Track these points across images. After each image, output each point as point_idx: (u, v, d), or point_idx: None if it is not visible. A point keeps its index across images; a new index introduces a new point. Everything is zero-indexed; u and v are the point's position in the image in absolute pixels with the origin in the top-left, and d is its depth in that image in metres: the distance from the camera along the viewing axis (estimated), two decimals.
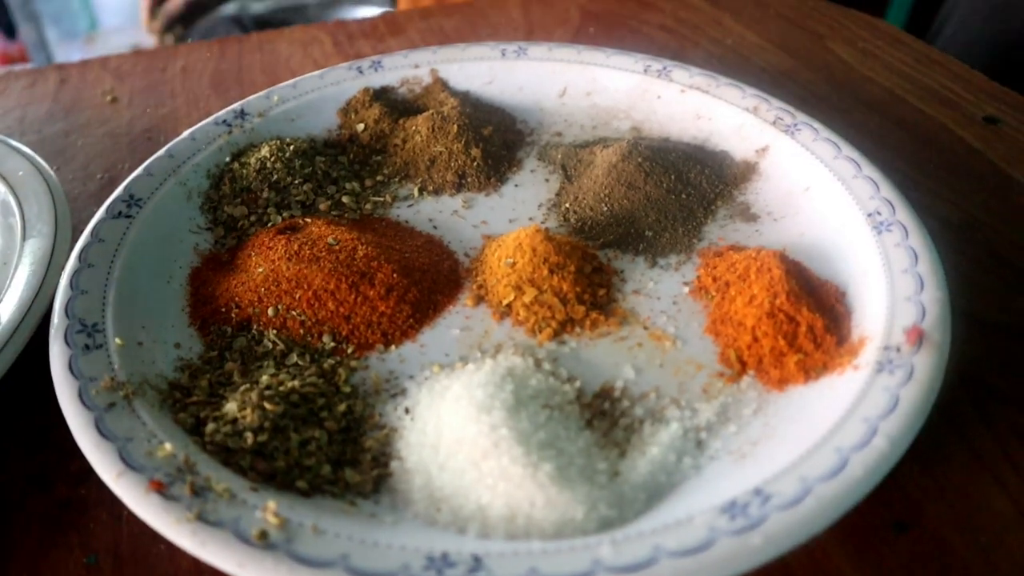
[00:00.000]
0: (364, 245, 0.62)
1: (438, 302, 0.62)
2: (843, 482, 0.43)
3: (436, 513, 0.46)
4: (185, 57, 1.03)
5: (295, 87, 0.81)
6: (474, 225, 0.70)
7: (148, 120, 0.90)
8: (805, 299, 0.56)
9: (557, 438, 0.49)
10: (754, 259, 0.60)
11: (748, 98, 0.76)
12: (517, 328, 0.59)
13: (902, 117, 0.87)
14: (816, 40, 1.03)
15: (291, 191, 0.71)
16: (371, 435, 0.52)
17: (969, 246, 0.68)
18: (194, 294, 0.63)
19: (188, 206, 0.70)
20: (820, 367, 0.53)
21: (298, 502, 0.47)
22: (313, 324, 0.59)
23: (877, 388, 0.49)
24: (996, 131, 0.83)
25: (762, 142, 0.72)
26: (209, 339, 0.59)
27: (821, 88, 0.92)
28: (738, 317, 0.58)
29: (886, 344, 0.52)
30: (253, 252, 0.64)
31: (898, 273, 0.57)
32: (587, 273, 0.61)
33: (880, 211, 0.62)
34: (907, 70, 0.95)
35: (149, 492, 0.44)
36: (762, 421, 0.52)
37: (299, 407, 0.52)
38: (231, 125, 0.76)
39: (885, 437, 0.45)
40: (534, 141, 0.80)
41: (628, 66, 0.82)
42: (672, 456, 0.49)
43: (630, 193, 0.68)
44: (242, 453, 0.49)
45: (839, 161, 0.67)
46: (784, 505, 0.43)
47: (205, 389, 0.54)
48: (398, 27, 1.07)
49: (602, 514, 0.45)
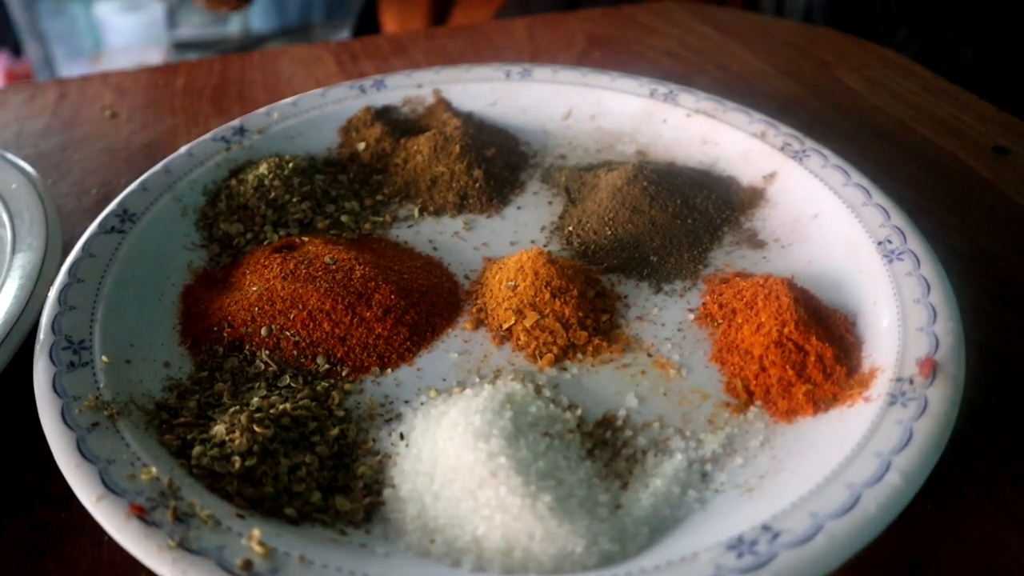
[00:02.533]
0: (362, 265, 0.61)
1: (436, 325, 0.60)
2: (855, 519, 0.42)
3: (430, 544, 0.44)
4: (186, 74, 1.02)
5: (296, 105, 0.80)
6: (475, 247, 0.68)
7: (147, 136, 0.89)
8: (814, 328, 0.55)
9: (557, 468, 0.47)
10: (762, 286, 0.58)
11: (755, 123, 0.75)
12: (517, 353, 0.58)
13: (911, 146, 0.85)
14: (823, 68, 1.02)
15: (289, 209, 0.70)
16: (364, 461, 0.50)
17: (980, 276, 0.66)
18: (186, 312, 0.61)
19: (183, 222, 0.68)
20: (830, 398, 0.52)
21: (286, 530, 0.45)
22: (307, 345, 0.57)
23: (890, 421, 0.47)
24: (1006, 161, 0.82)
25: (769, 168, 0.71)
26: (200, 359, 0.57)
27: (828, 116, 0.91)
28: (745, 345, 0.56)
29: (898, 376, 0.50)
30: (248, 270, 0.63)
31: (910, 303, 0.55)
32: (590, 298, 0.59)
33: (891, 239, 0.60)
34: (916, 99, 0.94)
35: (130, 517, 0.42)
36: (769, 454, 0.50)
37: (290, 431, 0.50)
38: (230, 141, 0.75)
39: (899, 473, 0.44)
40: (537, 163, 0.79)
41: (634, 89, 0.81)
42: (676, 489, 0.47)
43: (635, 217, 0.66)
44: (229, 478, 0.47)
45: (848, 188, 0.66)
46: (794, 543, 0.41)
47: (193, 410, 0.52)
48: (402, 48, 1.07)
49: (603, 548, 0.43)
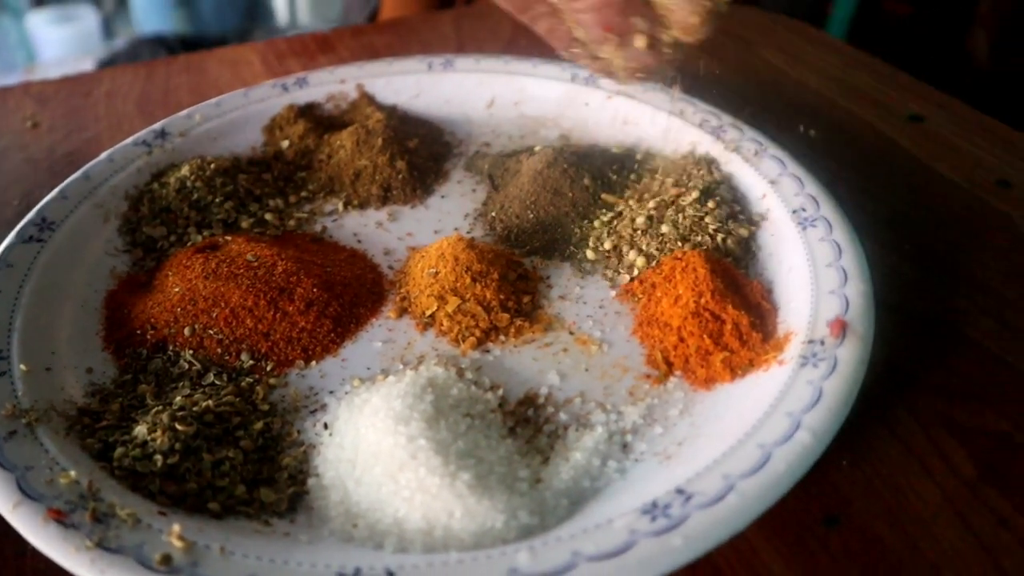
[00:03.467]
0: (284, 261, 0.61)
1: (360, 315, 0.60)
2: (765, 477, 0.43)
3: (352, 529, 0.45)
4: (111, 81, 1.00)
5: (218, 106, 0.80)
6: (399, 237, 0.69)
7: (70, 145, 0.88)
8: (730, 297, 0.56)
9: (477, 447, 0.48)
10: (679, 260, 0.60)
11: (674, 102, 0.76)
12: (441, 338, 0.58)
13: (832, 118, 0.87)
14: (745, 46, 1.04)
15: (212, 210, 0.70)
16: (289, 452, 0.51)
17: (896, 240, 0.68)
18: (109, 317, 0.61)
19: (105, 228, 0.68)
20: (746, 364, 0.53)
21: (209, 524, 0.45)
22: (231, 342, 0.57)
23: (801, 382, 0.48)
24: (921, 128, 0.84)
25: (688, 145, 0.72)
26: (123, 362, 0.57)
27: (749, 91, 0.92)
28: (664, 318, 0.57)
29: (810, 338, 0.51)
30: (170, 272, 0.62)
31: (822, 267, 0.56)
32: (511, 280, 0.60)
33: (805, 207, 0.62)
34: (835, 72, 0.96)
35: (47, 521, 0.42)
36: (688, 421, 0.51)
37: (213, 427, 0.50)
38: (151, 145, 0.74)
39: (808, 431, 0.45)
40: (462, 152, 0.79)
41: (555, 75, 0.82)
42: (596, 460, 0.48)
43: (556, 199, 0.67)
44: (151, 477, 0.47)
45: (764, 160, 0.67)
46: (705, 503, 0.42)
47: (116, 413, 0.52)
48: (328, 45, 1.06)
49: (522, 522, 0.44)
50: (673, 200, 0.65)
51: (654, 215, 0.64)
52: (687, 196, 0.64)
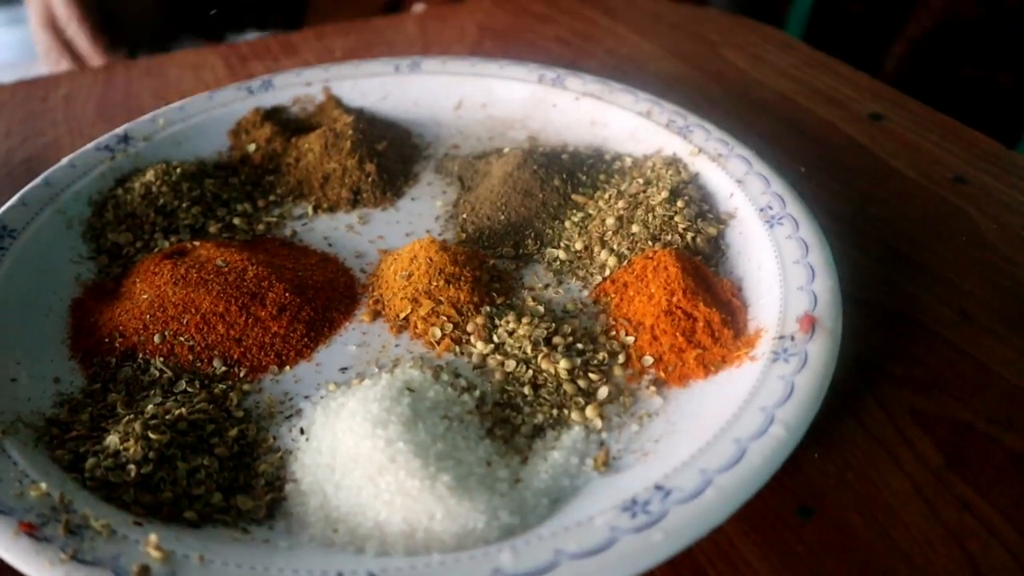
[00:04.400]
0: (254, 266, 0.60)
1: (334, 319, 0.60)
2: (742, 471, 0.43)
3: (333, 534, 0.44)
4: (68, 84, 0.99)
5: (182, 109, 0.79)
6: (370, 240, 0.68)
7: (27, 150, 0.86)
8: (702, 295, 0.57)
9: (456, 449, 0.48)
10: (650, 259, 0.60)
11: (641, 102, 0.76)
12: (415, 341, 0.58)
13: (794, 118, 0.89)
14: (708, 47, 1.05)
15: (179, 215, 0.69)
16: (265, 459, 0.50)
17: (859, 237, 0.70)
18: (75, 325, 0.59)
19: (68, 235, 0.66)
20: (719, 361, 0.54)
21: (186, 533, 0.44)
22: (203, 349, 0.57)
23: (773, 377, 0.49)
24: (880, 127, 0.86)
25: (656, 144, 0.73)
26: (91, 371, 0.56)
27: (714, 92, 0.94)
28: (637, 317, 0.57)
29: (781, 334, 0.52)
30: (138, 279, 0.61)
31: (790, 264, 0.57)
32: (485, 282, 0.60)
33: (772, 205, 0.63)
34: (796, 73, 0.98)
35: (18, 534, 0.41)
36: (664, 418, 0.51)
37: (187, 435, 0.50)
38: (114, 150, 0.73)
39: (782, 425, 0.46)
40: (431, 155, 0.79)
41: (522, 76, 0.82)
42: (575, 459, 0.49)
43: (527, 200, 0.68)
44: (125, 487, 0.46)
45: (731, 160, 0.68)
46: (684, 499, 0.42)
47: (86, 423, 0.51)
48: (292, 48, 1.05)
49: (504, 522, 0.44)
50: (642, 200, 0.65)
51: (624, 215, 0.64)
52: (656, 196, 0.65)
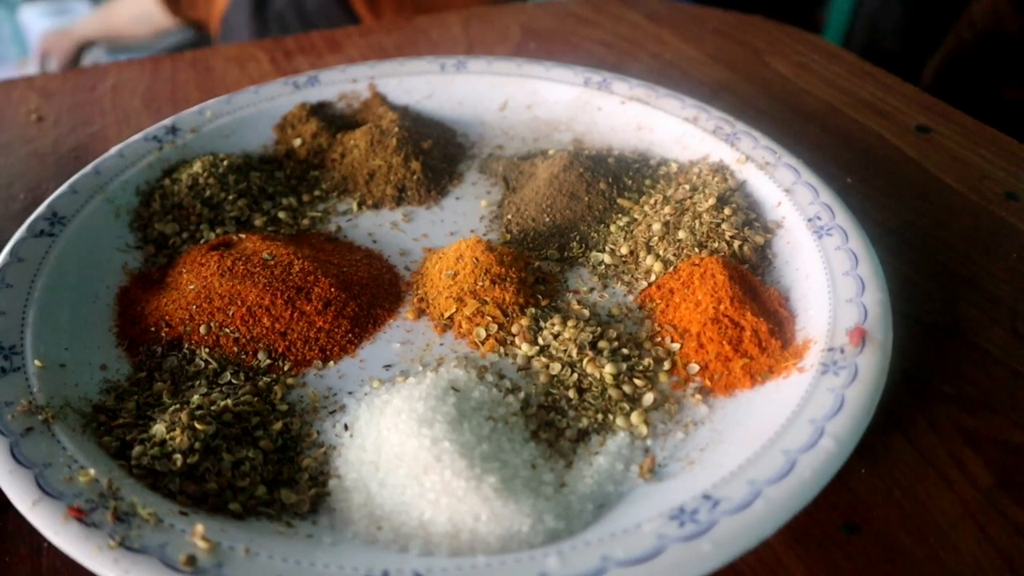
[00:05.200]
0: (300, 260, 0.60)
1: (378, 316, 0.60)
2: (792, 484, 0.43)
3: (377, 531, 0.44)
4: (116, 75, 1.00)
5: (229, 102, 0.79)
6: (414, 238, 0.69)
7: (75, 139, 0.87)
8: (749, 304, 0.56)
9: (501, 450, 0.48)
10: (697, 266, 0.60)
11: (688, 108, 0.76)
12: (459, 340, 0.58)
13: (839, 128, 0.88)
14: (754, 55, 1.04)
15: (225, 207, 0.69)
16: (308, 453, 0.50)
17: (906, 250, 0.69)
18: (122, 314, 0.60)
19: (116, 224, 0.67)
20: (766, 371, 0.53)
21: (231, 525, 0.44)
22: (248, 341, 0.57)
23: (822, 389, 0.49)
24: (929, 140, 0.85)
25: (703, 151, 0.73)
26: (138, 359, 0.57)
27: (759, 100, 0.93)
28: (683, 324, 0.57)
29: (830, 346, 0.52)
30: (184, 269, 0.62)
31: (839, 276, 0.57)
32: (530, 283, 0.60)
33: (820, 216, 0.62)
34: (843, 83, 0.97)
35: (68, 520, 0.42)
36: (709, 426, 0.51)
37: (232, 426, 0.50)
38: (162, 141, 0.74)
39: (832, 438, 0.45)
40: (475, 154, 0.79)
41: (568, 79, 0.82)
42: (620, 465, 0.48)
43: (572, 203, 0.67)
44: (171, 476, 0.47)
45: (779, 168, 0.67)
46: (733, 509, 0.42)
47: (132, 411, 0.52)
48: (336, 44, 1.06)
49: (549, 526, 0.43)
50: (689, 206, 0.65)
51: (670, 221, 0.64)
52: (703, 202, 0.64)
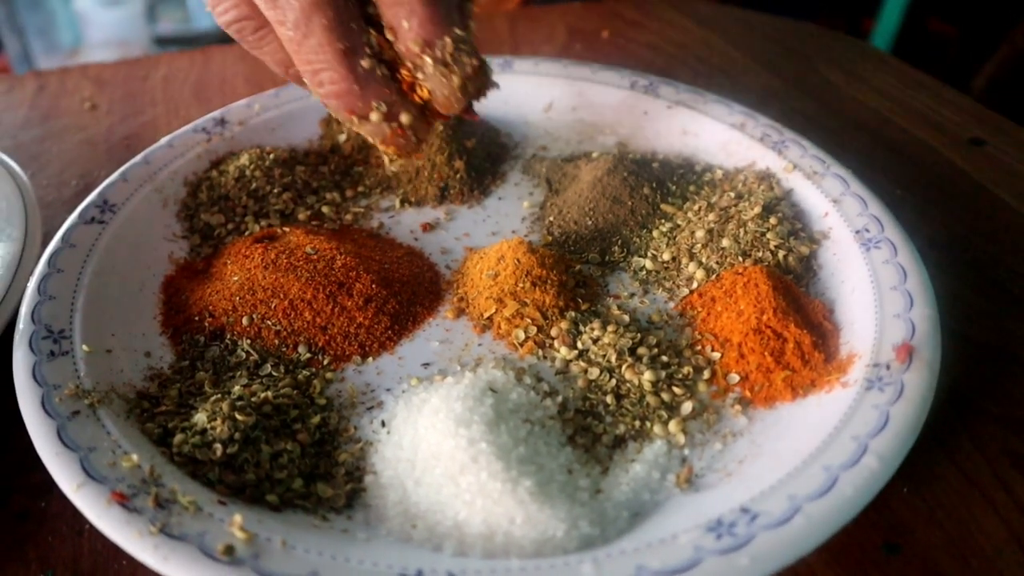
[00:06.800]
0: (343, 255, 0.61)
1: (417, 314, 0.60)
2: (833, 501, 0.42)
3: (411, 529, 0.45)
4: (167, 66, 1.01)
5: (277, 96, 0.80)
6: (456, 237, 0.69)
7: (127, 128, 0.88)
8: (792, 315, 0.55)
9: (538, 453, 0.47)
10: (740, 275, 0.59)
11: (735, 114, 0.75)
12: (498, 341, 0.58)
13: (889, 138, 0.86)
14: (803, 61, 1.03)
15: (270, 200, 0.70)
16: (345, 448, 0.50)
17: (957, 266, 0.67)
18: (167, 302, 0.61)
19: (164, 213, 0.68)
20: (808, 384, 0.52)
21: (267, 516, 0.45)
22: (288, 334, 0.57)
23: (866, 406, 0.48)
24: (982, 152, 0.83)
25: (749, 158, 0.72)
26: (181, 348, 0.57)
27: (808, 108, 0.92)
28: (724, 333, 0.56)
29: (875, 361, 0.51)
30: (229, 260, 0.63)
31: (887, 290, 0.56)
32: (570, 287, 0.60)
33: (868, 228, 0.61)
34: (894, 92, 0.95)
35: (111, 504, 0.42)
36: (749, 439, 0.50)
37: (271, 418, 0.50)
38: (210, 133, 0.75)
39: (875, 455, 0.44)
40: (519, 155, 0.79)
41: (614, 81, 0.82)
42: (656, 474, 0.48)
43: (615, 207, 0.67)
44: (211, 465, 0.47)
45: (827, 178, 0.66)
46: (772, 524, 0.41)
47: (174, 399, 0.52)
48: None
49: (583, 532, 0.43)
50: (734, 214, 0.64)
51: (714, 228, 0.63)
52: (748, 210, 0.64)
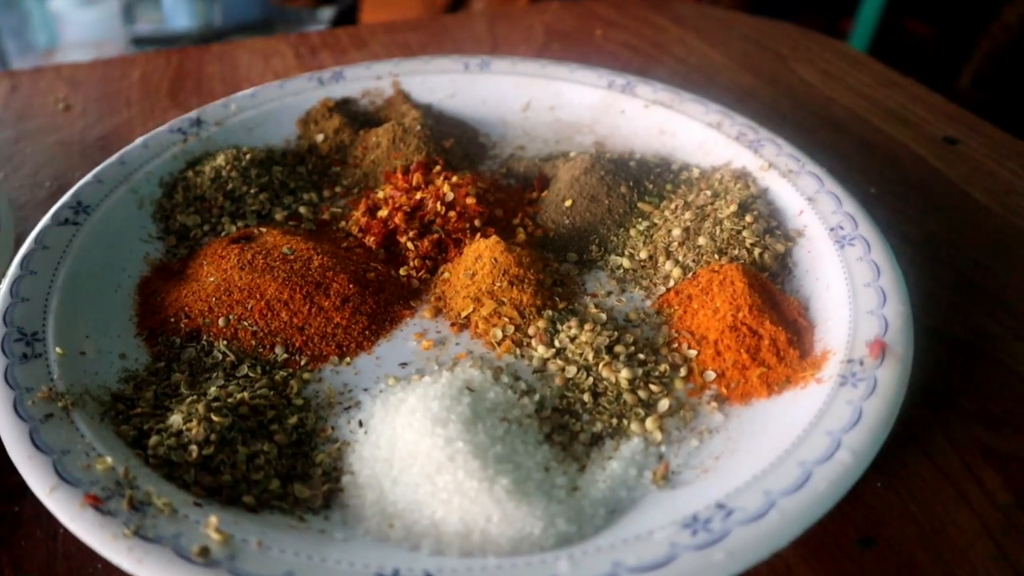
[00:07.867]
0: (320, 255, 0.61)
1: (395, 313, 0.60)
2: (807, 496, 0.43)
3: (388, 529, 0.44)
4: (143, 66, 1.00)
5: (254, 96, 0.80)
6: None
7: (102, 128, 0.88)
8: (768, 312, 0.56)
9: (515, 452, 0.48)
10: (716, 272, 0.59)
11: (711, 114, 0.76)
12: (476, 340, 0.58)
13: (864, 137, 0.87)
14: (779, 60, 1.04)
15: (246, 200, 0.70)
16: (323, 449, 0.50)
17: (930, 262, 0.68)
18: (142, 303, 0.60)
19: (139, 214, 0.68)
20: (783, 380, 0.53)
21: (244, 517, 0.45)
22: (265, 335, 0.57)
23: (840, 401, 0.48)
24: (955, 151, 0.84)
25: (725, 157, 0.72)
26: (156, 350, 0.57)
27: (784, 107, 0.92)
28: (701, 330, 0.57)
29: (849, 357, 0.51)
30: (205, 261, 0.62)
31: (860, 287, 0.56)
32: (547, 286, 0.60)
33: (843, 225, 0.62)
34: (869, 91, 0.96)
35: (84, 507, 0.42)
36: (724, 435, 0.51)
37: (248, 419, 0.50)
38: (186, 133, 0.74)
39: (849, 450, 0.45)
40: (497, 154, 0.79)
41: (592, 81, 0.82)
42: (633, 471, 0.48)
43: (592, 206, 0.67)
44: (186, 467, 0.47)
45: (802, 176, 0.67)
46: (747, 519, 0.42)
47: (150, 401, 0.52)
48: (361, 40, 1.06)
49: (560, 530, 0.43)
50: (710, 212, 0.64)
51: (690, 226, 0.64)
52: (724, 209, 0.64)
